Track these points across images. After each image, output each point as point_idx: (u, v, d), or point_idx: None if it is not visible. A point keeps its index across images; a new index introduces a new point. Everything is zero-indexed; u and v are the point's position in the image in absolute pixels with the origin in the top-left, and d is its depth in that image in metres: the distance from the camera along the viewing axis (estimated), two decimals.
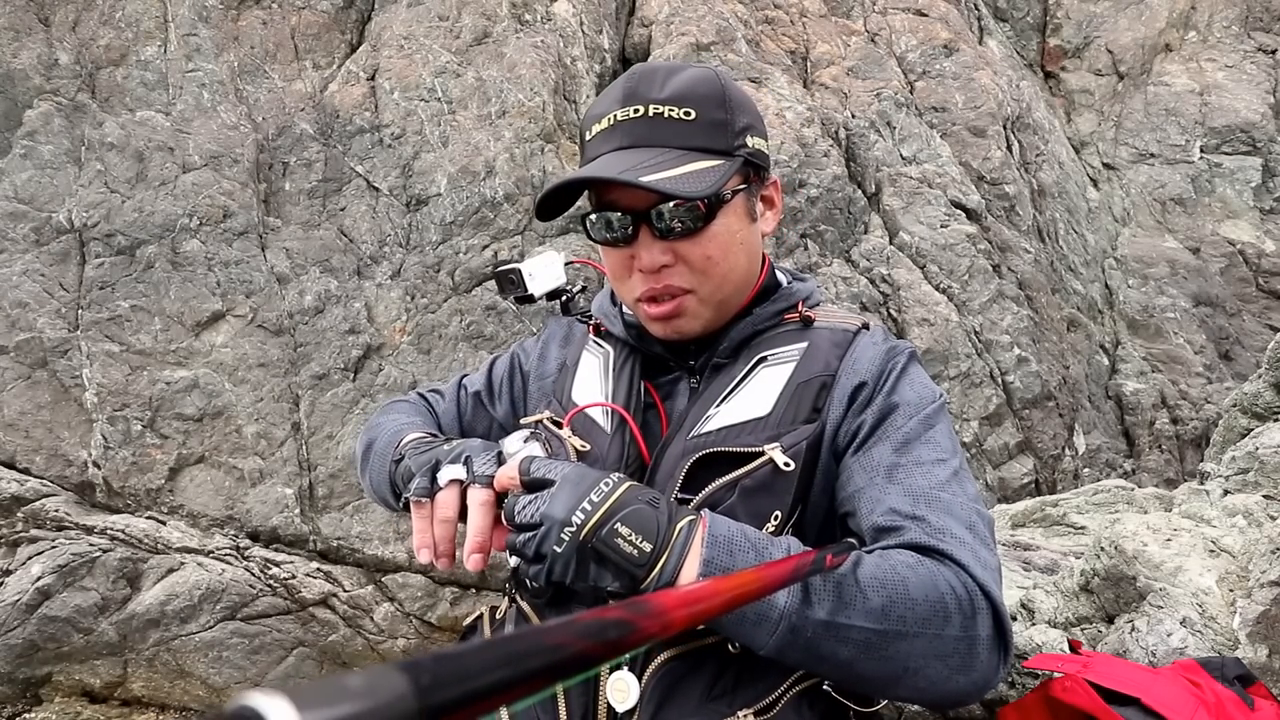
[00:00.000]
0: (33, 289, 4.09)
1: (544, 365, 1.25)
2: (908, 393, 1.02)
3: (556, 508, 0.82)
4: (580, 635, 0.45)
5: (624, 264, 1.06)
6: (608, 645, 0.46)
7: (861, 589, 0.83)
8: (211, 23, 4.57)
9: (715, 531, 0.85)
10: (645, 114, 0.99)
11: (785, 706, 0.93)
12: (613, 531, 0.81)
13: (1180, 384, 5.24)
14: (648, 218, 1.00)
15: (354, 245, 4.34)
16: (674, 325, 1.06)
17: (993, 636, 0.86)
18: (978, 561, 0.88)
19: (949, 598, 0.84)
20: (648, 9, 5.40)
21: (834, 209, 4.84)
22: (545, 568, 0.84)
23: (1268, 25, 6.47)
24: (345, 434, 4.09)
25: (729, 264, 1.04)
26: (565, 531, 0.81)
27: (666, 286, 1.03)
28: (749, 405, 1.02)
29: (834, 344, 1.07)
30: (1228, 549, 1.35)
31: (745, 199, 1.06)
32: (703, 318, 1.07)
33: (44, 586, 3.71)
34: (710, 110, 1.00)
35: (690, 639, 0.94)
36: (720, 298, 1.06)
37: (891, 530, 0.91)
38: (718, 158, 1.00)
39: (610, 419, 1.07)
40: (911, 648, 0.83)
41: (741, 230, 1.05)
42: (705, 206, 0.98)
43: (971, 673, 0.85)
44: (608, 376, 1.13)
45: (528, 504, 0.85)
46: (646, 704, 0.92)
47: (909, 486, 0.93)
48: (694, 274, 1.03)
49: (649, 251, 1.01)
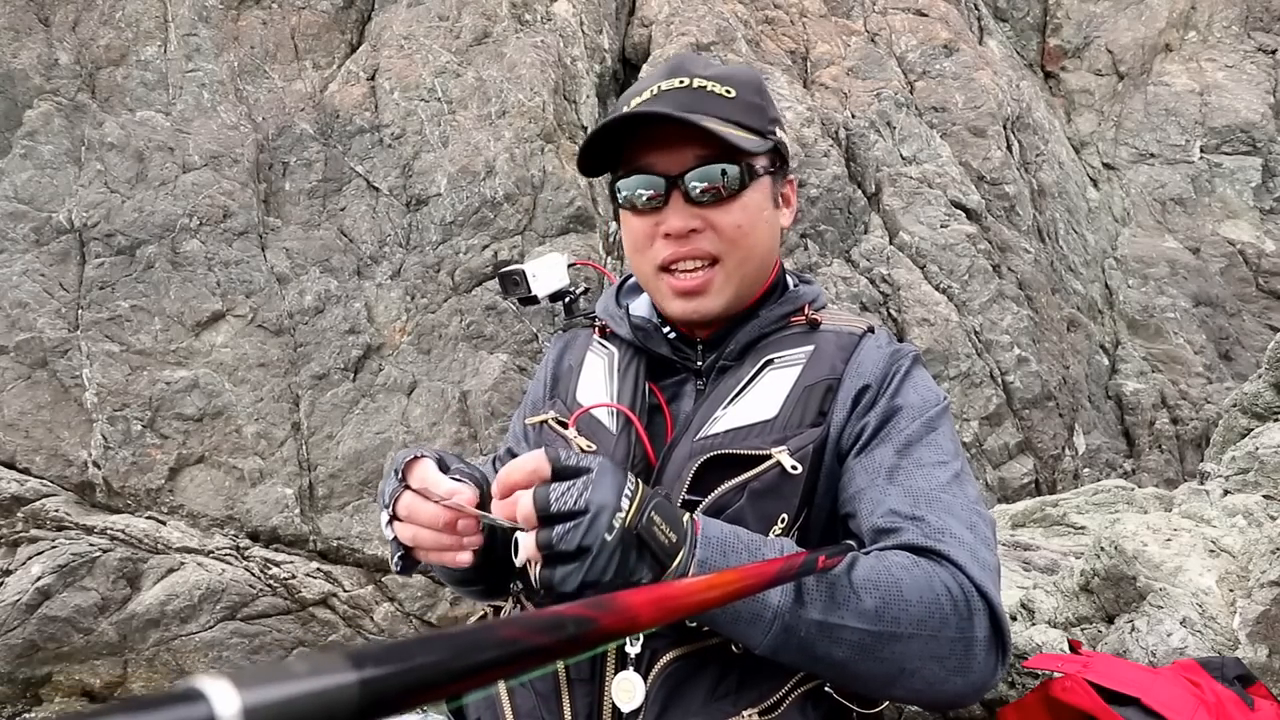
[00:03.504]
0: (33, 289, 4.09)
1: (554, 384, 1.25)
2: (911, 396, 1.02)
3: (604, 493, 0.76)
4: (535, 630, 0.44)
5: (648, 231, 1.04)
6: (564, 642, 0.45)
7: (855, 590, 0.83)
8: (211, 23, 4.57)
9: (708, 533, 0.85)
10: (690, 85, 1.01)
11: (789, 707, 0.93)
12: (650, 520, 0.79)
13: (1180, 384, 5.24)
14: (680, 183, 1.00)
15: (354, 245, 4.34)
16: (696, 304, 1.05)
17: (990, 637, 0.86)
18: (975, 562, 0.88)
19: (945, 599, 0.84)
20: (648, 9, 5.40)
21: (834, 209, 4.84)
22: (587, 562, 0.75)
23: (1268, 25, 6.47)
24: (345, 434, 4.09)
25: (755, 237, 1.05)
26: (616, 517, 0.76)
27: (694, 249, 1.02)
28: (756, 408, 1.02)
29: (839, 347, 1.07)
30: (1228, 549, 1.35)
31: (772, 183, 1.08)
32: (726, 294, 1.06)
33: (44, 586, 3.71)
34: (749, 93, 1.04)
35: (694, 640, 0.94)
36: (743, 273, 1.06)
37: (890, 531, 0.91)
38: (753, 134, 1.02)
39: (616, 420, 1.07)
40: (907, 649, 0.83)
41: (767, 210, 1.07)
42: (741, 173, 1.01)
43: (969, 674, 0.85)
44: (612, 377, 1.12)
45: (566, 490, 0.76)
46: (651, 704, 0.92)
47: (909, 488, 0.94)
48: (723, 241, 1.03)
49: (679, 216, 1.01)
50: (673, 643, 0.94)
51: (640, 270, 1.10)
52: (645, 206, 1.03)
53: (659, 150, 1.01)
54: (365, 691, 0.33)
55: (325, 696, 0.31)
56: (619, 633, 0.50)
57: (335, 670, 0.32)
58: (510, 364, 4.17)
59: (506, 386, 4.10)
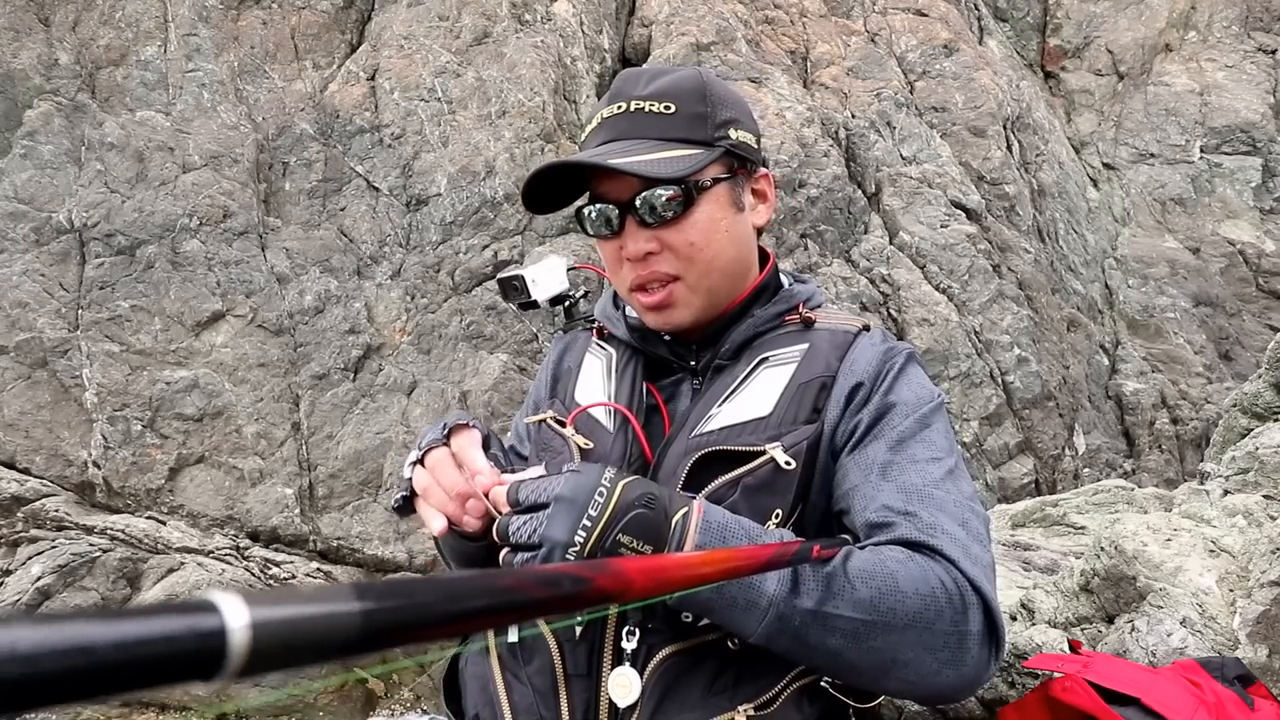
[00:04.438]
0: (33, 289, 4.09)
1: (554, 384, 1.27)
2: (905, 392, 1.03)
3: (556, 530, 0.80)
4: (533, 583, 0.46)
5: (615, 255, 1.08)
6: (561, 597, 0.47)
7: (850, 580, 0.84)
8: (211, 23, 4.57)
9: (709, 519, 0.87)
10: (627, 109, 1.04)
11: (785, 703, 0.94)
12: (615, 543, 0.81)
13: (1180, 384, 5.24)
14: (632, 208, 1.02)
15: (354, 245, 4.34)
16: (665, 316, 1.08)
17: (983, 632, 0.86)
18: (968, 557, 0.88)
19: (939, 592, 0.85)
20: (648, 9, 5.40)
21: (834, 209, 4.84)
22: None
23: (1268, 25, 6.47)
24: (345, 434, 4.09)
25: (713, 250, 1.06)
26: (570, 552, 0.80)
27: (653, 273, 1.05)
28: (750, 405, 1.03)
29: (834, 345, 1.08)
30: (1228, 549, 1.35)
31: (730, 188, 1.07)
32: (693, 306, 1.08)
33: (44, 586, 3.71)
34: (690, 104, 1.04)
35: (691, 636, 0.94)
36: (708, 284, 1.07)
37: (883, 526, 0.92)
38: (696, 147, 1.03)
39: (613, 418, 1.08)
40: (901, 640, 0.84)
41: (726, 219, 1.07)
42: (683, 192, 1.01)
43: (962, 667, 0.85)
44: (610, 377, 1.14)
45: (523, 524, 0.82)
46: (648, 700, 0.93)
47: (902, 483, 0.94)
48: (679, 260, 1.05)
49: (634, 240, 1.04)
50: (669, 638, 0.94)
51: (618, 289, 1.14)
52: (605, 233, 1.06)
53: (609, 179, 1.03)
54: (367, 621, 0.35)
55: (329, 620, 0.34)
56: (613, 595, 0.51)
57: (341, 599, 0.34)
58: (510, 364, 4.17)
59: (506, 386, 4.10)
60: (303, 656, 0.33)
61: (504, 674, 1.04)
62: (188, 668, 0.29)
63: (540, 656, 1.00)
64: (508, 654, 1.05)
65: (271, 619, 0.31)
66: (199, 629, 0.29)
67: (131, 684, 0.27)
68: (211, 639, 0.29)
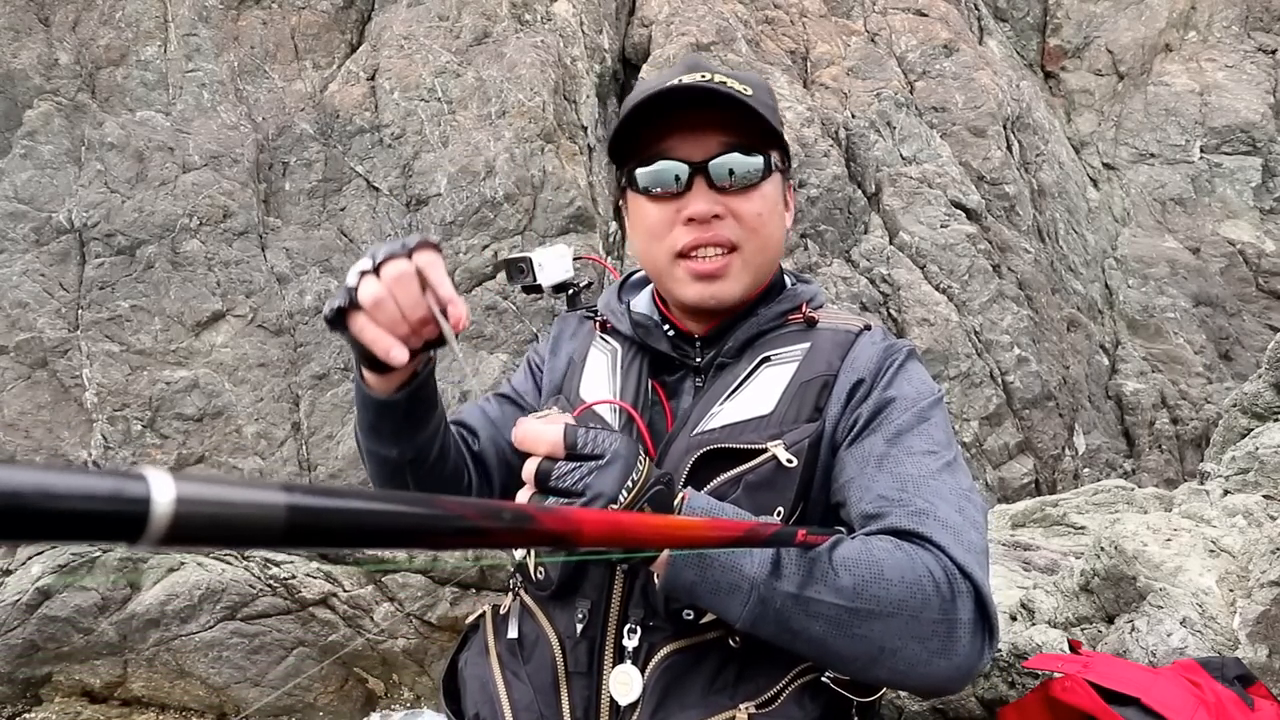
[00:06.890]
0: (33, 289, 4.09)
1: (555, 360, 1.26)
2: (904, 387, 1.03)
3: (607, 483, 0.80)
4: (475, 511, 0.46)
5: (667, 218, 1.05)
6: (502, 529, 0.46)
7: (834, 567, 0.85)
8: (211, 23, 4.57)
9: (693, 505, 0.89)
10: (712, 79, 1.02)
11: (787, 700, 0.94)
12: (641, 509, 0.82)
13: (1180, 384, 5.24)
14: (704, 169, 1.02)
15: (354, 245, 4.34)
16: (714, 288, 1.06)
17: (975, 620, 0.86)
18: (960, 545, 0.88)
19: (927, 580, 0.84)
20: (648, 9, 5.40)
21: (834, 209, 4.84)
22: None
23: (1268, 25, 6.47)
24: (345, 434, 4.09)
25: (772, 227, 1.08)
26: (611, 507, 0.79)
27: (716, 235, 1.04)
28: (752, 403, 1.03)
29: (836, 344, 1.08)
30: (1228, 549, 1.35)
31: (783, 181, 1.11)
32: (743, 282, 1.07)
33: (44, 586, 3.71)
34: (762, 94, 1.06)
35: (692, 633, 0.95)
36: (759, 261, 1.08)
37: (877, 516, 0.92)
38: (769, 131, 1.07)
39: (618, 416, 1.09)
40: (887, 628, 0.83)
41: (779, 206, 1.10)
42: (764, 164, 1.03)
43: (953, 656, 0.84)
44: (615, 374, 1.14)
45: (570, 470, 0.80)
46: (649, 697, 0.93)
47: (898, 474, 0.94)
48: (743, 229, 1.05)
49: (704, 200, 1.02)
50: (670, 636, 0.95)
51: (654, 258, 1.09)
52: (667, 192, 1.04)
53: (682, 136, 1.03)
54: (292, 515, 0.35)
55: (253, 509, 0.34)
56: (556, 536, 0.51)
57: (269, 490, 0.35)
58: (510, 364, 4.17)
59: None
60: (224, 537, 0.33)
61: (504, 673, 1.04)
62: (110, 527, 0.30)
63: (540, 654, 1.00)
64: (507, 652, 1.05)
65: (197, 496, 0.32)
66: (125, 493, 0.30)
67: (54, 533, 0.28)
68: (136, 504, 0.30)
